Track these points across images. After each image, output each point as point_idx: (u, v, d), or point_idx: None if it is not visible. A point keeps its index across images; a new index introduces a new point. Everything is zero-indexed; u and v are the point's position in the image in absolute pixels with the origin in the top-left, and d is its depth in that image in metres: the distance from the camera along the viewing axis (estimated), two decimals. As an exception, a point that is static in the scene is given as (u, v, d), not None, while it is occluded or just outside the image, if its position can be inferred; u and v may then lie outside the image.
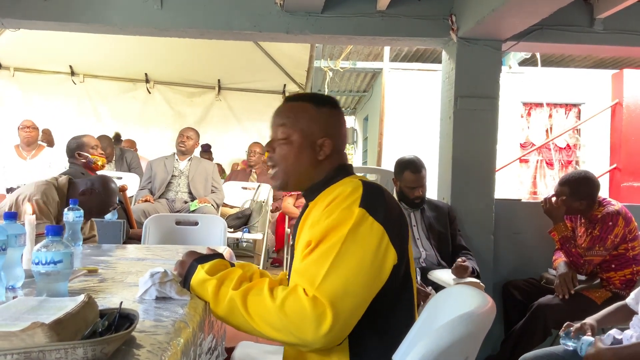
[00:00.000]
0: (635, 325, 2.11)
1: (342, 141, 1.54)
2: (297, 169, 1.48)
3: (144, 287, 1.37)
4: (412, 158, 3.19)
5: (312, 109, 1.49)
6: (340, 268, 1.26)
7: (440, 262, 3.11)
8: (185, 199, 4.83)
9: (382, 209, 1.35)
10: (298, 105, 1.50)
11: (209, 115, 7.07)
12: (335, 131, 1.50)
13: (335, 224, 1.31)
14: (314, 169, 1.48)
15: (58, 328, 0.89)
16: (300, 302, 1.23)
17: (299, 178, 1.49)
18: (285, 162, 1.48)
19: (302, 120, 1.48)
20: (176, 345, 1.05)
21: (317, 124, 1.48)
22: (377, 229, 1.31)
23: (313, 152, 1.47)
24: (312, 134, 1.47)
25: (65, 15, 3.43)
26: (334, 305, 1.22)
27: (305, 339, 1.22)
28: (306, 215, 1.46)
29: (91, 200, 2.62)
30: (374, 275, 1.29)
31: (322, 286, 1.24)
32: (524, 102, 8.54)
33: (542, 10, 2.90)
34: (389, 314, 1.36)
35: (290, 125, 1.47)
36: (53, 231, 1.28)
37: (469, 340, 1.04)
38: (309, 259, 1.31)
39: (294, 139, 1.47)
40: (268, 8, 3.47)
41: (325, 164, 1.48)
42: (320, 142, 1.47)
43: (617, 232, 2.97)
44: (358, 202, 1.33)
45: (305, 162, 1.47)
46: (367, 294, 1.28)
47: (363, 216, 1.31)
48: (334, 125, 1.51)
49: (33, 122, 5.12)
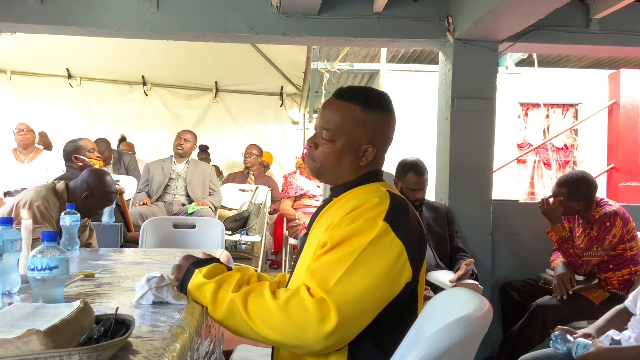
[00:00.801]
0: (633, 326, 2.11)
1: (387, 146, 1.52)
2: (337, 170, 1.48)
3: (141, 291, 1.37)
4: (416, 160, 3.20)
5: (361, 113, 1.44)
6: (355, 276, 1.25)
7: (438, 264, 3.11)
8: (182, 202, 4.82)
9: (404, 225, 1.34)
10: (347, 107, 1.45)
11: (207, 118, 7.08)
12: (381, 138, 1.48)
13: (356, 232, 1.30)
14: (353, 172, 1.48)
15: (53, 335, 0.89)
16: (303, 303, 1.22)
17: (336, 176, 1.50)
18: (326, 161, 1.47)
19: (348, 124, 1.44)
20: (172, 351, 1.05)
21: (363, 130, 1.44)
22: (398, 245, 1.31)
23: (355, 157, 1.46)
24: (357, 140, 1.44)
25: (62, 19, 3.43)
26: (340, 310, 1.21)
27: (306, 340, 1.22)
28: (326, 210, 1.46)
29: (93, 203, 2.66)
30: (386, 289, 1.29)
31: (333, 290, 1.23)
32: (521, 103, 8.54)
33: (539, 11, 2.90)
34: (391, 329, 1.36)
35: (336, 128, 1.44)
36: (48, 237, 1.28)
37: (466, 343, 1.03)
38: (323, 260, 1.30)
39: (337, 142, 1.44)
40: (264, 10, 3.46)
41: (365, 168, 1.49)
42: (364, 149, 1.45)
43: (615, 233, 2.97)
44: (383, 216, 1.32)
45: (346, 165, 1.46)
46: (376, 306, 1.28)
47: (386, 230, 1.31)
48: (380, 131, 1.48)
49: (27, 125, 5.11)
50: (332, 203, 1.48)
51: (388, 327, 1.35)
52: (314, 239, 1.43)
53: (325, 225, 1.40)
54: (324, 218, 1.46)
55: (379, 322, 1.30)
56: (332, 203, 1.48)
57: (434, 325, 1.18)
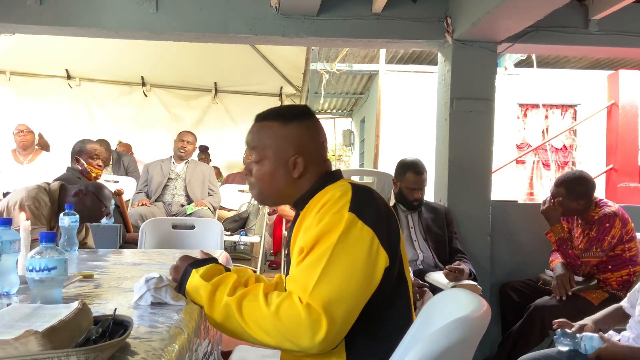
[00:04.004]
0: (632, 327, 2.12)
1: (318, 152, 1.50)
2: (275, 189, 1.49)
3: (139, 292, 1.37)
4: (415, 160, 3.21)
5: (279, 127, 1.47)
6: (332, 274, 1.26)
7: (437, 264, 3.11)
8: (182, 202, 4.82)
9: (371, 211, 1.35)
10: (265, 126, 1.49)
11: (206, 118, 7.07)
12: (307, 145, 1.48)
13: (325, 229, 1.31)
14: (291, 186, 1.48)
15: (51, 336, 0.89)
16: (295, 309, 1.23)
17: (278, 196, 1.52)
18: (262, 183, 1.49)
19: (269, 141, 1.46)
20: (171, 352, 1.05)
21: (286, 143, 1.46)
22: (367, 232, 1.31)
23: (287, 171, 1.46)
24: (283, 153, 1.46)
25: (61, 20, 3.42)
26: (327, 312, 1.22)
27: (301, 345, 1.23)
28: (299, 223, 1.45)
29: (83, 202, 2.60)
30: (366, 279, 1.29)
31: (314, 293, 1.24)
32: (520, 104, 8.55)
33: (537, 11, 2.90)
34: (383, 317, 1.36)
35: (261, 148, 1.47)
36: (47, 237, 1.27)
37: (464, 344, 1.03)
38: (301, 266, 1.31)
39: (265, 161, 1.47)
40: (264, 11, 3.47)
41: (303, 180, 1.47)
42: (292, 161, 1.45)
43: (614, 234, 2.97)
44: (347, 206, 1.33)
45: (281, 181, 1.47)
46: (360, 298, 1.28)
47: (353, 220, 1.31)
48: (304, 139, 1.48)
49: (27, 126, 5.10)
50: (301, 216, 1.45)
51: (381, 316, 1.35)
52: (295, 250, 1.42)
53: (301, 233, 1.40)
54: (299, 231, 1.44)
55: (369, 313, 1.31)
56: (301, 216, 1.46)
57: (432, 326, 1.18)
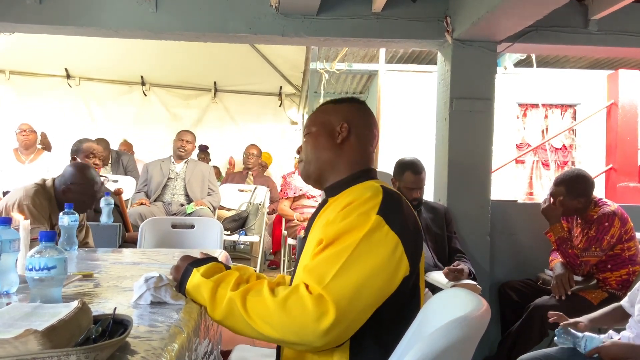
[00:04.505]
0: (631, 327, 2.12)
1: (365, 131, 1.57)
2: (317, 155, 1.55)
3: (139, 292, 1.37)
4: (414, 159, 3.21)
5: (331, 105, 1.61)
6: (351, 270, 1.25)
7: (437, 264, 3.11)
8: (181, 202, 4.82)
9: (399, 219, 1.34)
10: (319, 108, 1.64)
11: (205, 118, 7.08)
12: (355, 120, 1.56)
13: (350, 227, 1.31)
14: (333, 153, 1.53)
15: (51, 335, 0.89)
16: (302, 300, 1.22)
17: (320, 166, 1.55)
18: (308, 152, 1.57)
19: (321, 115, 1.59)
20: (171, 351, 1.05)
21: (335, 115, 1.56)
22: (392, 238, 1.30)
23: (332, 137, 1.54)
24: (330, 123, 1.55)
25: (60, 19, 3.42)
26: (338, 306, 1.21)
27: (306, 337, 1.21)
28: (323, 211, 1.48)
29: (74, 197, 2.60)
30: (384, 283, 1.28)
31: (330, 285, 1.23)
32: (520, 103, 8.54)
33: (537, 11, 2.90)
34: (392, 325, 1.35)
35: (312, 123, 1.59)
36: (46, 237, 1.27)
37: (463, 344, 1.03)
38: (320, 257, 1.30)
39: (313, 130, 1.57)
40: (263, 10, 3.46)
41: (345, 151, 1.53)
42: (339, 128, 1.53)
43: (613, 233, 2.97)
44: (376, 209, 1.33)
45: (325, 145, 1.54)
46: (374, 301, 1.27)
47: (379, 224, 1.30)
48: (352, 113, 1.57)
49: (30, 125, 5.10)
50: (328, 204, 1.48)
51: (390, 323, 1.34)
52: (312, 239, 1.43)
53: (322, 225, 1.40)
54: (320, 219, 1.47)
55: (380, 318, 1.30)
56: (327, 204, 1.49)
57: (432, 325, 1.18)
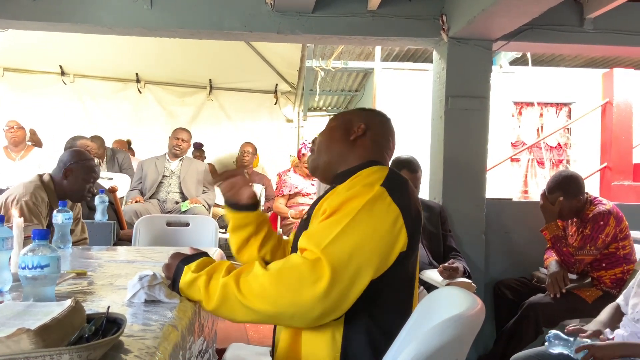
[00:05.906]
0: (625, 325, 2.12)
1: (381, 136, 1.58)
2: (329, 145, 1.57)
3: (133, 290, 1.36)
4: (410, 158, 3.20)
5: (358, 110, 1.65)
6: (350, 235, 1.26)
7: (431, 262, 3.11)
8: (176, 200, 4.81)
9: (402, 193, 1.36)
10: (346, 110, 1.67)
11: (201, 115, 7.05)
12: (373, 124, 1.57)
13: (353, 195, 1.33)
14: (344, 147, 1.54)
15: (44, 334, 0.88)
16: (297, 268, 1.23)
17: (330, 157, 1.56)
18: (319, 141, 1.61)
19: (345, 115, 1.64)
20: (164, 350, 1.04)
21: (357, 117, 1.60)
22: (394, 209, 1.32)
23: (347, 133, 1.55)
24: (350, 121, 1.58)
25: (55, 15, 3.40)
26: (334, 268, 1.21)
27: (304, 304, 1.21)
28: (330, 194, 1.46)
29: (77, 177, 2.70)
30: (382, 250, 1.29)
31: (328, 248, 1.24)
32: (515, 102, 8.56)
33: (532, 10, 2.90)
34: (386, 306, 1.35)
35: (333, 119, 1.64)
36: (39, 235, 1.27)
37: (458, 342, 1.04)
38: (322, 224, 1.32)
39: (332, 124, 1.61)
40: (258, 8, 3.45)
41: (358, 149, 1.53)
42: (356, 128, 1.55)
43: (608, 232, 2.98)
44: (381, 182, 1.36)
45: (338, 139, 1.56)
46: (371, 269, 1.27)
47: (382, 194, 1.33)
48: (373, 120, 1.59)
49: (18, 122, 5.09)
50: (334, 189, 1.47)
51: (384, 303, 1.35)
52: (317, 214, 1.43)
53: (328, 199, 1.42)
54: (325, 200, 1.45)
55: (375, 297, 1.30)
56: (334, 189, 1.48)
57: (426, 324, 1.18)
